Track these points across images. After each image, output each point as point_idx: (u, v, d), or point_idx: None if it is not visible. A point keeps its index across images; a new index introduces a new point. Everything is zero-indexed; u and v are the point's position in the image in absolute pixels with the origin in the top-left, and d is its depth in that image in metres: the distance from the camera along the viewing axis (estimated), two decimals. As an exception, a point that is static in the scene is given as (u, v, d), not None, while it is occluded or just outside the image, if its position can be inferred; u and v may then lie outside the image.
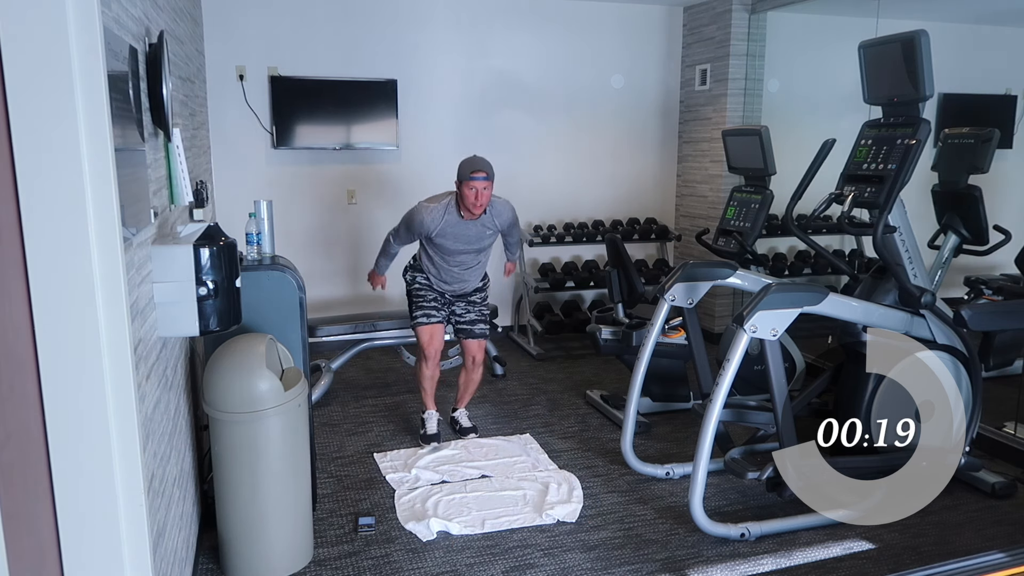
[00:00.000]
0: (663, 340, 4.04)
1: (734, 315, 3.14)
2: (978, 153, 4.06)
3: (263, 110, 5.15)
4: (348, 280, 5.56)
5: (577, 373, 5.07)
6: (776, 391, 2.94)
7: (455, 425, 4.02)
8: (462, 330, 3.90)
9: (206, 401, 2.55)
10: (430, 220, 3.57)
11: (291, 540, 2.69)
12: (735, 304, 5.66)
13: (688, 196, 6.03)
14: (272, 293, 2.87)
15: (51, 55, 1.43)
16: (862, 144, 3.28)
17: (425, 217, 3.57)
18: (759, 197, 4.14)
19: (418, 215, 3.60)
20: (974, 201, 4.16)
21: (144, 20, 2.30)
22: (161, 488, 2.02)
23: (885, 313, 3.18)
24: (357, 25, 5.24)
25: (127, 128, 1.80)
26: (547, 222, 5.91)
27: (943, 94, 4.95)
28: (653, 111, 6.03)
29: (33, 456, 1.49)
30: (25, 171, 1.45)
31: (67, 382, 1.55)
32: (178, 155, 2.53)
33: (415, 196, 5.52)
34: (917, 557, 2.83)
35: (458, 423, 4.01)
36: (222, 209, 5.11)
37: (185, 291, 2.09)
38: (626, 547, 2.91)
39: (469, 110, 5.59)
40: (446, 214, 3.57)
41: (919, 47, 2.94)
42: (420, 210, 3.61)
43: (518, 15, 5.57)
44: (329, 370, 4.60)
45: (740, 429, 3.82)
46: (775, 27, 5.39)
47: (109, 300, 1.57)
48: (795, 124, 5.42)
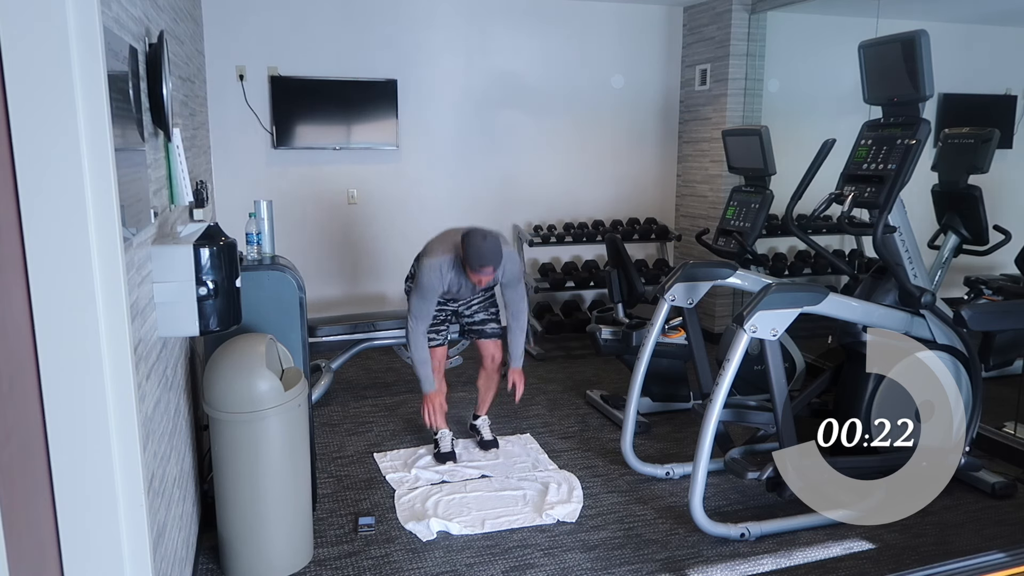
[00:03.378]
0: (663, 340, 4.04)
1: (734, 315, 3.14)
2: (978, 153, 4.06)
3: (263, 110, 5.15)
4: (348, 280, 5.56)
5: (577, 373, 5.07)
6: (776, 391, 2.94)
7: (476, 435, 3.86)
8: (473, 331, 3.74)
9: (206, 401, 2.55)
10: (438, 282, 3.34)
11: (291, 540, 2.69)
12: (735, 304, 5.66)
13: (688, 196, 6.03)
14: (272, 293, 2.88)
15: (51, 55, 1.43)
16: (862, 144, 3.28)
17: (434, 281, 3.33)
18: (759, 197, 4.14)
19: (427, 282, 3.33)
20: (974, 201, 4.16)
21: (144, 20, 2.30)
22: (161, 488, 2.02)
23: (885, 313, 3.18)
24: (357, 25, 5.24)
25: (127, 128, 1.80)
26: (547, 222, 5.91)
27: (943, 94, 4.95)
28: (653, 111, 6.03)
29: (33, 456, 1.49)
30: (25, 171, 1.45)
31: (67, 382, 1.55)
32: (178, 155, 2.53)
33: (415, 196, 5.57)
34: (917, 557, 2.83)
35: (479, 433, 3.83)
36: (222, 209, 5.11)
37: (185, 291, 2.09)
38: (626, 547, 2.91)
39: (469, 110, 5.59)
40: (451, 271, 3.35)
41: (919, 47, 2.94)
42: (426, 273, 3.33)
43: (518, 15, 5.57)
44: (329, 370, 4.60)
45: (740, 429, 3.82)
46: (775, 27, 5.39)
47: (109, 300, 1.57)
48: (795, 124, 5.43)
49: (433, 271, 3.32)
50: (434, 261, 3.33)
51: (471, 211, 5.72)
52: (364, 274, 5.58)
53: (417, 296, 3.40)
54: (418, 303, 3.40)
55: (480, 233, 3.21)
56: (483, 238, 3.18)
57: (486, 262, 3.17)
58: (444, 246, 3.36)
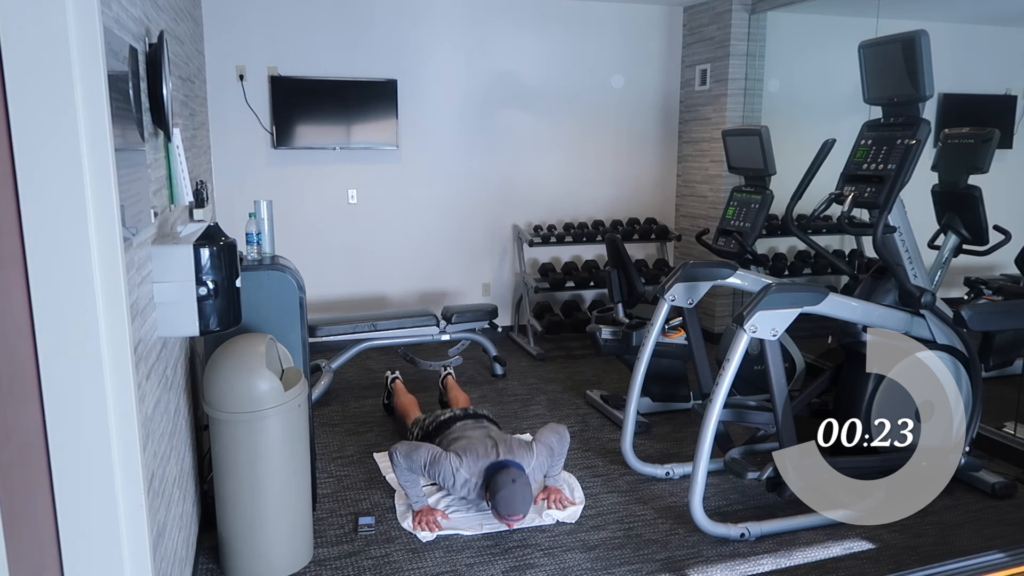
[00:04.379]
0: (663, 340, 4.04)
1: (734, 315, 3.14)
2: (978, 153, 4.06)
3: (263, 110, 5.15)
4: (348, 280, 5.56)
5: (577, 373, 5.08)
6: (776, 391, 2.94)
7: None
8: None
9: (206, 401, 2.55)
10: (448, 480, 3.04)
11: (291, 540, 2.69)
12: (735, 304, 5.66)
13: (688, 196, 6.03)
14: (272, 293, 2.87)
15: (51, 55, 1.43)
16: (862, 144, 3.28)
17: (447, 475, 3.02)
18: (759, 197, 4.14)
19: (438, 470, 3.02)
20: (974, 201, 4.16)
21: (144, 20, 2.30)
22: (161, 488, 2.02)
23: (885, 313, 3.18)
24: (357, 25, 5.24)
25: (127, 128, 1.80)
26: (547, 222, 5.91)
27: (943, 94, 4.95)
28: (653, 111, 6.03)
29: (33, 455, 1.49)
30: (25, 171, 1.45)
31: (67, 382, 1.55)
32: (178, 155, 2.53)
33: (415, 196, 5.57)
34: (917, 557, 2.83)
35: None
36: (222, 209, 5.11)
37: (185, 291, 2.09)
38: (626, 547, 2.91)
39: (469, 110, 5.59)
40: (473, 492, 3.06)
41: (919, 47, 2.94)
42: (445, 468, 3.00)
43: (518, 15, 5.57)
44: (329, 370, 4.60)
45: (740, 429, 3.82)
46: (775, 27, 5.39)
47: (109, 300, 1.57)
48: (795, 124, 5.43)
49: (453, 474, 3.01)
50: (460, 470, 3.00)
51: (471, 211, 5.73)
52: (364, 274, 5.58)
53: (418, 460, 3.02)
54: (404, 461, 3.02)
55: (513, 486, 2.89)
56: (513, 490, 2.89)
57: (517, 511, 2.92)
58: (474, 459, 3.03)
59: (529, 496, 2.94)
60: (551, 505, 3.15)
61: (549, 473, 3.22)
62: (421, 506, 3.07)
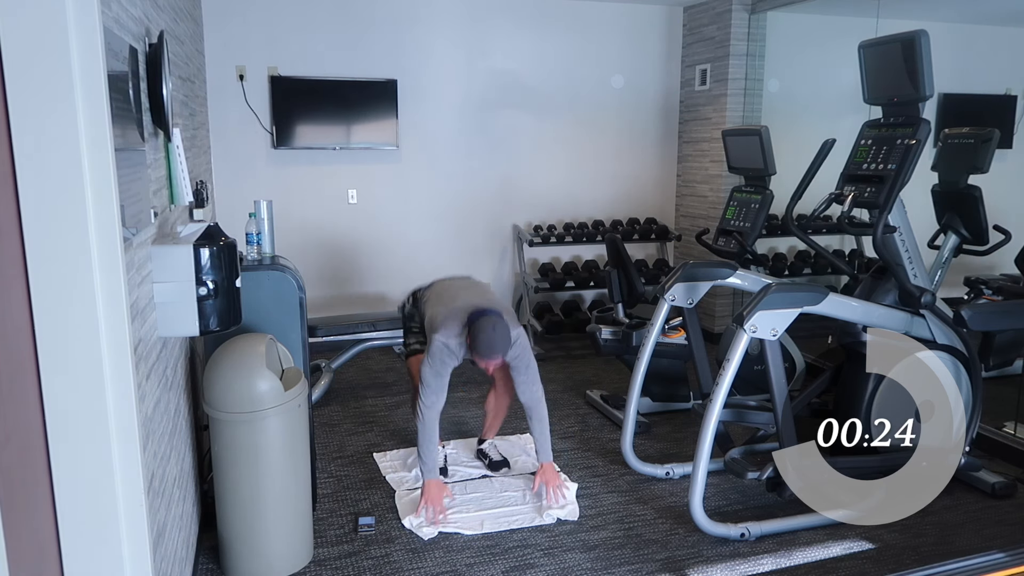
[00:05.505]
0: (663, 340, 4.04)
1: (734, 315, 3.14)
2: (978, 153, 4.06)
3: (263, 110, 5.15)
4: (348, 280, 5.56)
5: (577, 373, 5.07)
6: (776, 391, 2.94)
7: (483, 459, 3.63)
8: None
9: (206, 401, 2.55)
10: (451, 359, 3.08)
11: (291, 540, 2.69)
12: (735, 304, 5.66)
13: (688, 196, 6.03)
14: (272, 293, 2.87)
15: (51, 55, 1.43)
16: (862, 144, 3.28)
17: (447, 359, 3.07)
18: (759, 197, 4.14)
19: (441, 360, 3.07)
20: (974, 201, 4.16)
21: (144, 20, 2.30)
22: (161, 488, 2.02)
23: (885, 313, 3.18)
24: (357, 25, 5.24)
25: (127, 128, 1.80)
26: (547, 222, 5.91)
27: (943, 94, 4.95)
28: (653, 111, 6.03)
29: (33, 456, 1.49)
30: (25, 171, 1.45)
31: (67, 382, 1.55)
32: (178, 155, 2.53)
33: (415, 196, 5.57)
34: (917, 557, 2.83)
35: (487, 456, 3.62)
36: (222, 209, 5.11)
37: (185, 291, 2.09)
38: (626, 547, 2.91)
39: (469, 110, 5.59)
40: (461, 349, 3.10)
41: (919, 47, 2.94)
42: (439, 352, 3.05)
43: (518, 15, 5.57)
44: (329, 370, 4.60)
45: (740, 429, 3.82)
46: (775, 27, 5.39)
47: (109, 300, 1.57)
48: (795, 124, 5.43)
49: (446, 351, 3.06)
50: (446, 341, 3.05)
51: (471, 211, 5.73)
52: (364, 274, 5.58)
53: (432, 372, 3.07)
54: (433, 379, 3.08)
55: (489, 321, 2.96)
56: (492, 327, 2.95)
57: (496, 352, 2.98)
58: (452, 322, 3.09)
59: (508, 340, 2.99)
60: (549, 497, 3.18)
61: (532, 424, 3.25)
62: (432, 477, 3.10)
